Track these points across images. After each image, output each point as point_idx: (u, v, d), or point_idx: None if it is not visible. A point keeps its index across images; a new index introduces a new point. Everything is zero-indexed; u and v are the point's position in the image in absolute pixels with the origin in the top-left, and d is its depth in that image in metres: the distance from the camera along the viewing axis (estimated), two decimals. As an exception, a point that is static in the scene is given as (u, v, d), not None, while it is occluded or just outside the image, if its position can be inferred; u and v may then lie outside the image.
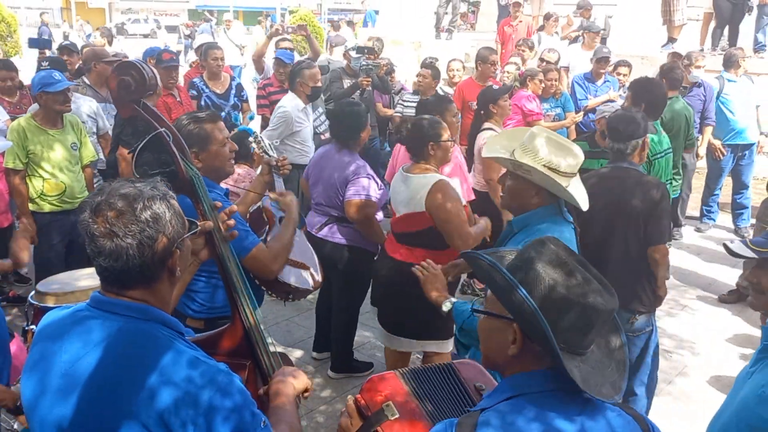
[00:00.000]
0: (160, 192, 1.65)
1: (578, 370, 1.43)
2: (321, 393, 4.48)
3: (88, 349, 1.57)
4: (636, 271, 3.70)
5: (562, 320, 1.42)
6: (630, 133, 3.72)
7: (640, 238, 3.65)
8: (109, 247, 1.56)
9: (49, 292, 3.49)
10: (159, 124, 2.23)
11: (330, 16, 34.77)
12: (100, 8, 49.77)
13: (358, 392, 1.86)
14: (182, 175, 2.21)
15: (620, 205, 3.67)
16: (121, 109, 2.30)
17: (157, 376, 1.52)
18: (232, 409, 1.56)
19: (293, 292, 3.22)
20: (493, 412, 1.44)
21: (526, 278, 1.45)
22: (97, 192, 1.63)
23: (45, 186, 4.85)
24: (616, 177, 3.76)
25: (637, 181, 3.70)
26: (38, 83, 4.73)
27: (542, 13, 11.91)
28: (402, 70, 9.26)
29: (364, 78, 6.65)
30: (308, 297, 4.48)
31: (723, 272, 6.68)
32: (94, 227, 1.56)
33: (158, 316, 1.64)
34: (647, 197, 3.62)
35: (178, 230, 1.66)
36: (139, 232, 1.56)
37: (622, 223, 3.68)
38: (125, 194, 1.59)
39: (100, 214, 1.56)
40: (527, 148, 2.56)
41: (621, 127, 3.76)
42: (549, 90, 6.92)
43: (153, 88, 2.29)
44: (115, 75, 2.24)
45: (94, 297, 1.65)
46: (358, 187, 4.24)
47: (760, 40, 10.24)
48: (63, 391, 1.57)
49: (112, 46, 8.39)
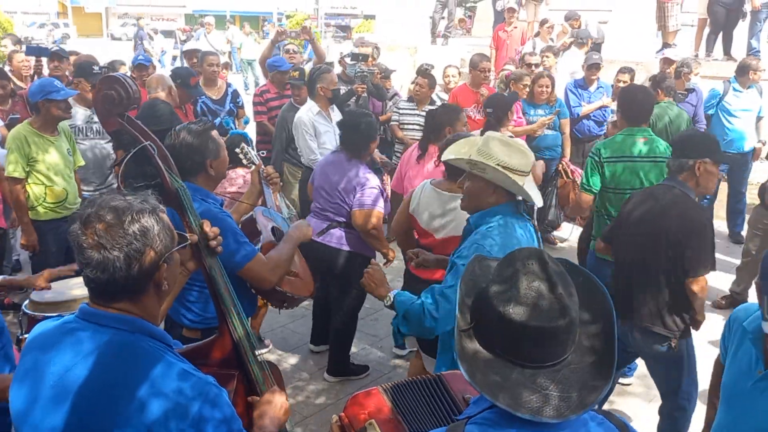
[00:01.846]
0: (150, 206, 1.66)
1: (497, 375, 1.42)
2: (315, 400, 4.49)
3: (77, 360, 1.58)
4: (664, 297, 3.47)
5: (485, 327, 1.46)
6: (682, 151, 3.51)
7: (673, 263, 3.41)
8: (96, 258, 1.57)
9: (43, 300, 3.50)
10: (144, 137, 2.24)
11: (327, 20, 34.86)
12: (96, 13, 49.74)
13: (346, 396, 1.88)
14: (168, 188, 2.22)
15: (654, 228, 3.46)
16: (105, 122, 2.31)
17: (147, 387, 1.53)
18: (221, 420, 1.57)
19: (288, 300, 3.24)
20: (477, 422, 1.46)
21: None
22: (88, 204, 1.64)
23: (47, 193, 4.85)
24: (656, 197, 3.55)
25: (678, 207, 3.42)
26: (40, 91, 4.74)
27: (537, 18, 11.95)
28: (398, 75, 9.27)
29: (359, 85, 6.66)
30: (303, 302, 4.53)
31: (717, 278, 6.68)
32: (82, 238, 1.58)
33: (145, 328, 1.65)
34: (685, 225, 3.37)
35: (167, 244, 1.67)
36: (126, 245, 1.58)
37: (653, 247, 3.46)
38: (114, 207, 1.60)
39: (90, 226, 1.58)
40: (482, 151, 2.68)
41: (681, 142, 3.57)
42: (541, 96, 6.94)
43: (137, 102, 2.31)
44: (99, 89, 2.25)
45: (83, 309, 1.66)
46: (367, 197, 4.29)
47: (754, 46, 10.27)
48: (53, 402, 1.58)
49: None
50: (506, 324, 1.41)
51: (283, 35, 8.14)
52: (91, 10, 49.17)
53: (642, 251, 3.53)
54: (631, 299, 3.56)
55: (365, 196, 4.29)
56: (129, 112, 2.30)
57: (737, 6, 10.05)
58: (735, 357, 2.32)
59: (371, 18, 25.34)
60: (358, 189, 4.32)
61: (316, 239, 4.44)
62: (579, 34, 9.69)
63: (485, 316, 1.45)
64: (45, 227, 4.92)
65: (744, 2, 10.04)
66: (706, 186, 3.54)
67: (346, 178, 4.37)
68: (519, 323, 1.40)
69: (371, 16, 26.16)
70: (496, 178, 2.69)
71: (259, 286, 2.95)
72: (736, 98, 7.50)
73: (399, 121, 6.97)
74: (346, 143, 4.49)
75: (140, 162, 2.21)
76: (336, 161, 4.52)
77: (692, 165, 3.45)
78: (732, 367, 2.34)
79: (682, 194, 3.47)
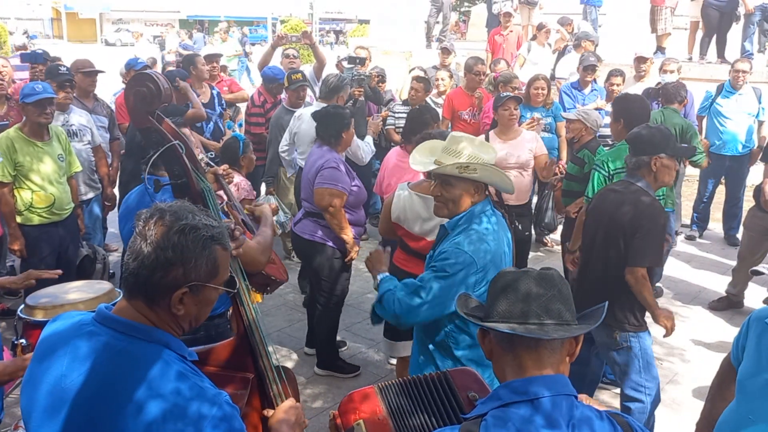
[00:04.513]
0: (211, 233, 1.64)
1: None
2: (312, 404, 4.48)
3: (74, 366, 1.57)
4: (612, 289, 3.53)
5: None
6: (639, 148, 3.59)
7: (620, 256, 3.51)
8: (136, 245, 1.60)
9: (38, 305, 3.48)
10: (173, 136, 2.25)
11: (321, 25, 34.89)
12: (90, 19, 49.72)
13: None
14: (194, 187, 2.23)
15: (607, 218, 3.60)
16: (136, 120, 2.31)
17: (144, 389, 1.52)
18: (221, 418, 1.56)
19: (271, 283, 3.29)
20: (487, 420, 1.51)
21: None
22: (172, 203, 1.68)
23: (34, 198, 4.84)
24: (615, 191, 3.67)
25: (631, 197, 3.54)
26: (21, 94, 4.78)
27: (532, 22, 11.98)
28: (393, 79, 9.27)
29: (356, 88, 6.64)
30: (299, 308, 4.54)
31: (713, 280, 6.71)
32: (140, 225, 1.62)
33: (161, 338, 1.62)
34: (635, 215, 3.48)
35: (202, 275, 1.63)
36: (160, 248, 1.58)
37: (604, 236, 3.61)
38: (178, 214, 1.62)
39: (152, 218, 1.61)
40: (453, 151, 2.73)
41: (634, 140, 3.64)
42: (537, 99, 6.94)
43: (168, 100, 2.31)
44: (132, 86, 2.26)
45: (101, 311, 1.65)
46: (327, 176, 4.42)
47: (747, 49, 10.32)
48: (51, 409, 1.57)
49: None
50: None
51: (283, 40, 8.13)
52: (84, 16, 49.15)
53: (595, 242, 3.68)
54: (588, 289, 3.68)
55: (325, 175, 4.43)
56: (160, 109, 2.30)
57: (731, 9, 10.09)
58: (756, 351, 2.32)
59: (366, 22, 25.39)
60: (320, 170, 4.46)
61: (294, 230, 4.70)
62: (579, 37, 9.71)
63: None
64: (35, 232, 4.90)
65: (738, 5, 10.08)
66: (664, 180, 3.63)
67: (314, 164, 4.55)
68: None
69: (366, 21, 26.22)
70: (485, 176, 2.71)
71: (250, 270, 2.97)
72: (727, 100, 7.50)
73: (395, 125, 6.98)
74: (319, 133, 4.69)
75: (167, 161, 2.22)
76: (311, 152, 4.75)
77: (648, 161, 3.55)
78: (749, 360, 2.35)
79: (639, 189, 3.57)
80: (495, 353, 1.64)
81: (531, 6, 12.27)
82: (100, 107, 6.29)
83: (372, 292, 6.10)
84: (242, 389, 2.07)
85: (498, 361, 1.63)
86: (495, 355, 1.64)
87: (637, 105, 4.70)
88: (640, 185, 3.57)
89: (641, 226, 3.46)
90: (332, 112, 4.69)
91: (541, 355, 1.57)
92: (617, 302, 3.53)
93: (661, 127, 3.73)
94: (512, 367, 1.58)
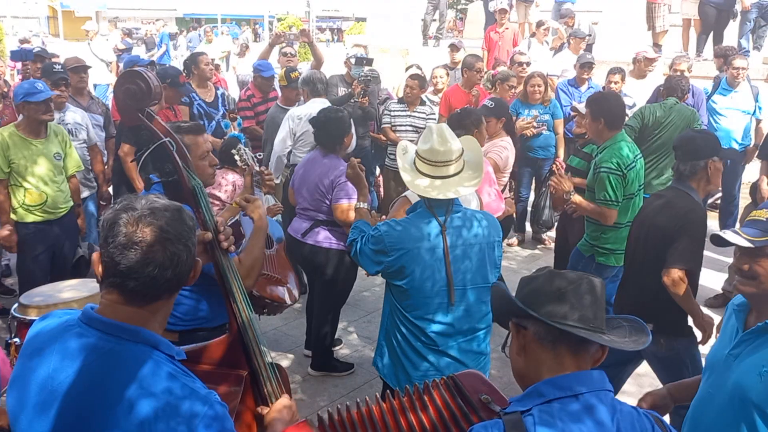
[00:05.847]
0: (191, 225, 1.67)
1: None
2: (308, 402, 4.46)
3: (64, 364, 1.56)
4: (650, 292, 3.54)
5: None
6: (693, 154, 3.56)
7: (660, 259, 3.48)
8: (123, 247, 1.56)
9: (31, 304, 3.49)
10: (163, 133, 2.23)
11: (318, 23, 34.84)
12: (87, 17, 49.60)
13: (340, 397, 1.90)
14: (185, 185, 2.21)
15: (648, 223, 3.62)
16: (126, 117, 2.29)
17: (135, 388, 1.51)
18: (213, 417, 1.55)
19: (268, 306, 3.20)
20: (533, 415, 1.54)
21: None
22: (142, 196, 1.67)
23: (26, 196, 4.82)
24: (662, 196, 3.70)
25: (680, 203, 3.54)
26: (21, 93, 4.73)
27: (528, 20, 11.96)
28: (389, 77, 9.25)
29: (361, 98, 6.49)
30: (296, 305, 4.52)
31: (709, 277, 6.70)
32: (124, 228, 1.58)
33: (149, 338, 1.60)
34: (671, 217, 3.48)
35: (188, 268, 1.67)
36: (151, 251, 1.57)
37: (644, 241, 3.62)
38: (156, 214, 1.60)
39: (137, 218, 1.57)
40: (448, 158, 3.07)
41: (687, 146, 3.61)
42: (534, 96, 6.93)
43: (158, 98, 2.28)
44: (121, 84, 2.23)
45: (86, 313, 1.63)
46: (347, 190, 4.30)
47: (743, 46, 10.31)
48: (39, 407, 1.56)
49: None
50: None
51: (281, 38, 8.09)
52: (81, 14, 49.01)
53: (637, 246, 3.69)
54: (634, 294, 3.70)
55: (344, 189, 4.32)
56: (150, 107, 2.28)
57: (728, 6, 10.09)
58: (723, 332, 2.40)
59: (362, 20, 25.37)
60: (336, 183, 4.36)
61: (301, 239, 4.52)
62: (576, 33, 9.70)
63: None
64: (29, 230, 4.89)
65: (735, 2, 10.07)
66: (716, 182, 3.65)
67: (325, 175, 4.42)
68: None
69: (362, 19, 26.19)
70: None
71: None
72: (723, 98, 7.48)
73: (391, 124, 6.94)
74: (320, 140, 4.57)
75: (158, 158, 2.19)
76: (313, 159, 4.60)
77: (704, 165, 3.54)
78: (718, 341, 2.43)
79: (685, 194, 3.57)
80: (530, 349, 1.64)
81: (527, 3, 12.26)
82: (95, 105, 6.26)
83: (368, 290, 6.10)
84: (236, 387, 2.06)
85: (533, 357, 1.64)
86: (530, 351, 1.64)
87: (615, 103, 4.69)
88: (686, 191, 3.57)
89: (684, 230, 3.44)
90: (332, 117, 4.56)
91: (581, 356, 1.62)
92: (658, 306, 3.50)
93: (707, 131, 3.75)
94: (550, 365, 1.61)
